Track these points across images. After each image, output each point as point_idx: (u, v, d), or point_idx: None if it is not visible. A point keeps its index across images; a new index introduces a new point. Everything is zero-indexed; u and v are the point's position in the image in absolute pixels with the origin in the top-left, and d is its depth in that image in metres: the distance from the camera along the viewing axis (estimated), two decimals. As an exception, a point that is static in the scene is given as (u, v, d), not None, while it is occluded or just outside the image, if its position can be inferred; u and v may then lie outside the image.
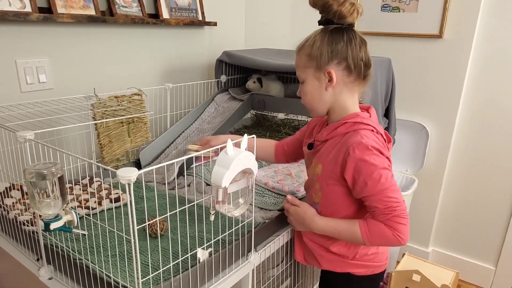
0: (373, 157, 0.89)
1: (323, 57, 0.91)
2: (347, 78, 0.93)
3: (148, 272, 0.84)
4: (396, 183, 0.92)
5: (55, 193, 0.79)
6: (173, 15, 1.70)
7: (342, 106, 0.96)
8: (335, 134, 0.96)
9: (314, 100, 0.96)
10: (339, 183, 0.95)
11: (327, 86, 0.93)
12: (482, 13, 1.78)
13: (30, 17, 1.22)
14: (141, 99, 1.40)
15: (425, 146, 2.00)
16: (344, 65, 0.92)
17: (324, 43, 0.92)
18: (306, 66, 0.94)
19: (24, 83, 1.29)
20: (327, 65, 0.92)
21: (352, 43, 0.92)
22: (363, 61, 0.94)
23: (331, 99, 0.95)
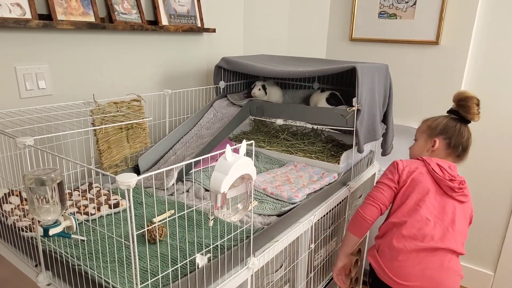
0: (389, 167, 1.36)
1: (435, 131, 1.35)
2: (444, 151, 1.34)
3: (147, 278, 0.84)
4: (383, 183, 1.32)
5: (54, 199, 0.79)
6: (172, 21, 1.71)
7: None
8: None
9: (415, 153, 1.41)
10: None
11: (429, 149, 1.36)
12: (478, 20, 1.80)
13: (30, 24, 1.23)
14: (140, 105, 1.40)
15: (423, 151, 2.00)
16: (447, 141, 1.33)
17: (441, 122, 1.35)
18: (423, 132, 1.39)
19: (23, 89, 1.30)
20: (435, 136, 1.34)
21: (461, 131, 1.33)
22: (462, 146, 1.33)
23: (424, 156, 1.35)
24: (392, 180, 1.30)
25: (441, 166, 1.28)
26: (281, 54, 2.28)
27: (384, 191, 1.29)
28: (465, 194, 1.27)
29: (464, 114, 1.31)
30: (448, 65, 1.88)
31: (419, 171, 1.28)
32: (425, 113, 2.00)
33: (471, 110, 1.30)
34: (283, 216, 1.15)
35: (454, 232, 1.19)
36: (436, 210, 1.21)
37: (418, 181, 1.26)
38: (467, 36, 1.81)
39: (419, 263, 1.16)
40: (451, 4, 1.83)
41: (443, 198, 1.24)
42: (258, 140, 1.79)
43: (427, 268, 1.15)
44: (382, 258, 1.22)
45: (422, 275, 1.14)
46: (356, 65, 1.38)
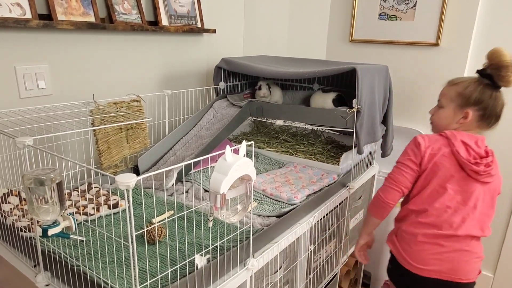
0: (409, 144, 1.28)
1: (469, 101, 1.19)
2: (475, 123, 1.21)
3: (146, 278, 0.84)
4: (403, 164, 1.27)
5: (54, 199, 0.79)
6: (172, 22, 1.71)
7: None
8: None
9: (442, 123, 1.28)
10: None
11: (459, 121, 1.23)
12: (478, 22, 1.80)
13: (30, 24, 1.22)
14: (139, 106, 1.40)
15: (423, 153, 2.00)
16: (481, 112, 1.19)
17: (475, 90, 1.19)
18: (452, 100, 1.24)
19: (23, 89, 1.29)
20: (468, 107, 1.20)
21: (496, 101, 1.18)
22: (496, 116, 1.20)
23: (452, 128, 1.24)
24: (414, 162, 1.23)
25: (467, 144, 1.18)
26: (281, 55, 2.28)
27: (406, 173, 1.24)
28: (491, 174, 1.19)
29: (498, 81, 1.16)
30: (448, 66, 1.88)
31: (442, 153, 1.19)
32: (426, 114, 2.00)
33: (508, 79, 1.15)
34: (283, 217, 1.15)
35: (474, 216, 1.18)
36: (458, 196, 1.19)
37: (440, 165, 1.19)
38: (467, 37, 1.81)
39: (437, 248, 1.17)
40: (451, 6, 1.83)
41: (467, 182, 1.19)
42: (258, 141, 1.79)
43: (445, 252, 1.17)
44: (400, 243, 1.24)
45: (440, 259, 1.16)
46: (356, 66, 1.38)
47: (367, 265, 2.07)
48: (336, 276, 1.64)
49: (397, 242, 1.26)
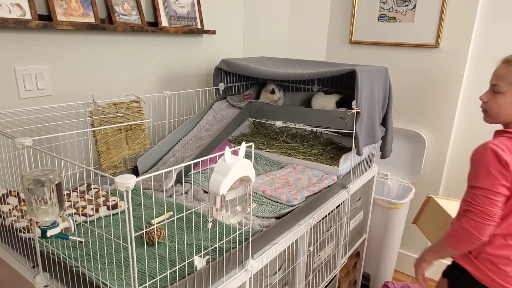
0: (485, 158, 1.00)
1: None
2: None
3: (145, 280, 0.83)
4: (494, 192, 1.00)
5: (53, 200, 0.79)
6: (172, 23, 1.71)
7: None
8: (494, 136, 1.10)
9: (505, 112, 1.06)
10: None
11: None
12: (478, 24, 1.80)
13: (30, 25, 1.22)
14: (139, 106, 1.40)
15: (422, 154, 2.01)
16: None
17: None
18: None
19: (22, 90, 1.29)
20: None
21: None
22: None
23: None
24: (506, 186, 1.00)
25: None
26: (281, 56, 2.28)
27: (499, 202, 1.00)
28: None
29: None
30: (448, 68, 1.89)
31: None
32: (425, 116, 2.00)
33: None
34: (282, 219, 1.15)
35: None
36: None
37: None
38: (467, 39, 1.82)
39: None
40: (450, 8, 1.83)
41: None
42: (257, 142, 1.79)
43: None
44: (486, 265, 1.10)
45: None
46: (356, 67, 1.38)
47: (366, 267, 2.07)
48: (335, 278, 1.64)
49: (480, 264, 1.11)
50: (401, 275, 2.24)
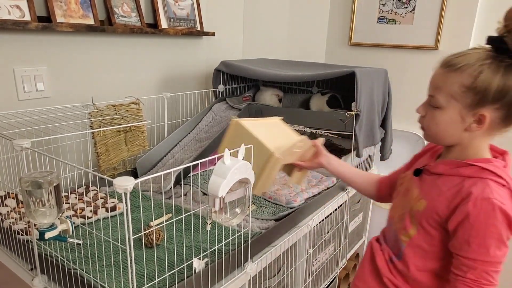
0: (495, 222, 0.74)
1: (486, 97, 0.74)
2: (496, 125, 0.77)
3: (144, 282, 0.83)
4: (502, 263, 0.76)
5: (51, 202, 0.79)
6: (171, 25, 1.71)
7: (475, 146, 0.81)
8: (456, 173, 0.80)
9: (444, 133, 0.81)
10: (442, 229, 0.81)
11: (470, 127, 0.78)
12: (477, 25, 1.80)
13: (29, 26, 1.22)
14: (138, 108, 1.40)
15: (422, 156, 2.00)
16: (504, 112, 0.75)
17: (495, 80, 0.73)
18: (454, 97, 0.77)
19: (21, 91, 1.29)
20: (484, 107, 0.75)
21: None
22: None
23: (465, 137, 0.80)
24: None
25: None
26: (280, 58, 2.28)
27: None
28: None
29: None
30: (447, 70, 1.89)
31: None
32: (424, 118, 2.01)
33: None
34: (281, 221, 1.15)
35: None
36: None
37: None
38: (466, 41, 1.82)
39: None
40: (450, 10, 1.83)
41: None
42: (257, 144, 1.79)
43: None
44: None
45: None
46: (355, 69, 1.38)
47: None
48: (334, 280, 1.64)
49: None
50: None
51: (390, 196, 1.02)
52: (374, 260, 0.95)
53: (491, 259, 0.75)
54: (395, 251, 0.91)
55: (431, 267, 0.85)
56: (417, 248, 0.85)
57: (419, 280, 0.86)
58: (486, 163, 0.79)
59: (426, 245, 0.84)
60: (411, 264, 0.86)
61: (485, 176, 0.77)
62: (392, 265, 0.91)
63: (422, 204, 0.84)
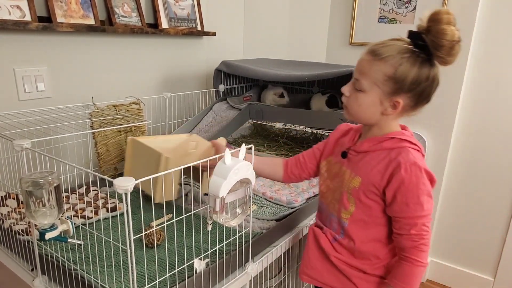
0: (423, 181, 0.87)
1: (403, 87, 0.85)
2: (408, 109, 0.90)
3: (144, 283, 0.83)
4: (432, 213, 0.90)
5: (51, 202, 0.78)
6: (172, 25, 1.71)
7: (388, 124, 0.93)
8: (380, 147, 0.92)
9: (364, 114, 0.91)
10: (380, 199, 0.91)
11: (386, 111, 0.89)
12: (478, 25, 1.80)
13: (30, 26, 1.22)
14: (139, 108, 1.40)
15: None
16: (414, 99, 0.87)
17: (411, 73, 0.84)
18: (377, 84, 0.86)
19: (22, 92, 1.29)
20: (400, 95, 0.86)
21: (433, 83, 0.87)
22: (427, 100, 0.90)
23: (381, 119, 0.91)
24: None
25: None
26: (281, 58, 2.27)
27: None
28: None
29: (436, 59, 0.85)
30: (447, 70, 1.88)
31: None
32: (426, 117, 2.00)
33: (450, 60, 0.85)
34: (282, 221, 1.14)
35: None
36: None
37: None
38: (467, 40, 1.81)
39: None
40: (450, 9, 1.83)
41: None
42: (258, 144, 1.78)
43: None
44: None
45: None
46: (356, 69, 1.37)
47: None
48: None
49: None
50: (402, 277, 2.23)
51: (298, 176, 1.10)
52: (319, 243, 1.01)
53: (425, 212, 0.87)
54: (337, 231, 0.99)
55: (373, 236, 0.95)
56: (359, 222, 0.95)
57: (364, 250, 0.96)
58: (401, 134, 0.92)
59: (366, 217, 0.94)
60: (355, 238, 0.96)
61: (404, 145, 0.90)
62: (337, 243, 0.99)
63: (357, 181, 0.93)
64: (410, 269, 0.90)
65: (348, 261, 0.98)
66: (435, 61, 0.86)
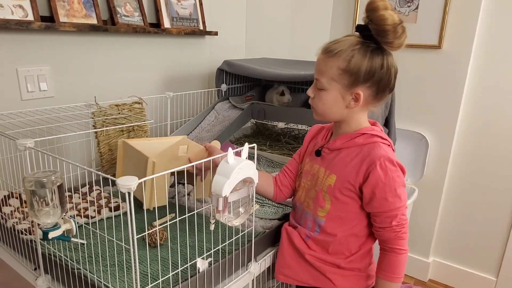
0: (397, 174, 0.90)
1: (359, 78, 0.88)
2: (370, 100, 0.92)
3: (147, 282, 0.83)
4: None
5: (54, 201, 0.78)
6: (174, 24, 1.71)
7: (356, 119, 0.95)
8: (352, 144, 0.94)
9: (330, 110, 0.93)
10: (355, 194, 0.94)
11: (349, 105, 0.91)
12: (481, 24, 1.79)
13: (32, 26, 1.22)
14: (141, 108, 1.40)
15: (425, 155, 2.00)
16: (374, 89, 0.90)
17: (364, 63, 0.87)
18: (334, 79, 0.89)
19: (25, 91, 1.29)
20: (358, 87, 0.89)
21: (389, 70, 0.90)
22: (389, 88, 0.92)
23: (347, 113, 0.93)
24: None
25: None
26: (283, 57, 2.27)
27: None
28: None
29: (385, 46, 0.87)
30: (450, 69, 1.88)
31: None
32: (428, 117, 1.99)
33: (397, 44, 0.86)
34: (285, 220, 1.14)
35: None
36: None
37: None
38: (469, 40, 1.81)
39: None
40: (453, 9, 1.82)
41: None
42: (260, 143, 1.78)
43: None
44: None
45: None
46: (359, 68, 1.37)
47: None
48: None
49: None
50: (404, 277, 2.23)
51: (289, 186, 1.10)
52: (293, 242, 1.02)
53: (402, 203, 0.91)
54: (312, 229, 1.01)
55: (349, 231, 0.97)
56: (336, 219, 0.97)
57: (340, 244, 0.98)
58: (372, 130, 0.94)
59: (343, 214, 0.96)
60: (332, 235, 0.97)
61: (375, 140, 0.92)
62: (310, 240, 1.00)
63: (333, 178, 0.95)
64: (396, 258, 0.93)
65: (322, 257, 1.00)
66: (386, 48, 0.88)
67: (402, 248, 0.93)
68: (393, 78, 0.92)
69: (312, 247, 1.01)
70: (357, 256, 0.99)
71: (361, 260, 1.00)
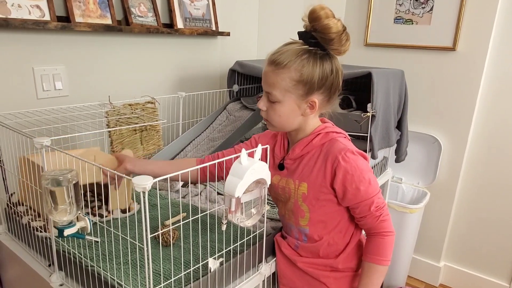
0: (361, 161, 0.91)
1: (313, 86, 0.88)
2: (324, 105, 0.94)
3: (160, 281, 0.84)
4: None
5: (70, 199, 0.79)
6: (187, 25, 1.72)
7: (311, 124, 0.96)
8: (311, 147, 0.95)
9: (287, 122, 0.93)
10: (330, 194, 0.94)
11: (305, 113, 0.92)
12: (497, 26, 1.77)
13: (49, 26, 1.24)
14: (154, 107, 1.41)
15: (438, 158, 1.98)
16: (327, 93, 0.92)
17: (316, 71, 0.88)
18: (289, 91, 0.88)
19: (40, 90, 1.31)
20: (313, 95, 0.90)
21: (338, 73, 0.92)
22: (338, 89, 0.95)
23: (302, 121, 0.94)
24: None
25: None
26: (294, 58, 2.27)
27: None
28: None
29: (332, 52, 0.90)
30: (465, 71, 1.85)
31: None
32: (442, 120, 1.97)
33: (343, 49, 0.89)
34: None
35: None
36: None
37: None
38: (485, 42, 1.78)
39: None
40: (468, 10, 1.80)
41: None
42: (271, 144, 1.78)
43: None
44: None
45: None
46: (372, 70, 1.37)
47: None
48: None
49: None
50: (414, 281, 2.20)
51: (219, 174, 1.05)
52: (283, 253, 1.03)
53: (375, 187, 0.92)
54: (299, 238, 1.02)
55: (335, 230, 0.98)
56: (318, 224, 0.98)
57: (330, 246, 0.99)
58: (325, 128, 0.96)
59: (323, 217, 0.97)
60: (318, 240, 0.99)
61: (331, 137, 0.94)
62: (300, 248, 1.01)
63: (304, 186, 0.95)
64: (382, 240, 0.94)
65: (314, 261, 1.00)
66: (331, 53, 0.90)
67: (387, 230, 0.94)
68: (341, 80, 0.95)
69: (302, 254, 1.02)
70: (348, 252, 1.00)
71: (352, 258, 1.01)
